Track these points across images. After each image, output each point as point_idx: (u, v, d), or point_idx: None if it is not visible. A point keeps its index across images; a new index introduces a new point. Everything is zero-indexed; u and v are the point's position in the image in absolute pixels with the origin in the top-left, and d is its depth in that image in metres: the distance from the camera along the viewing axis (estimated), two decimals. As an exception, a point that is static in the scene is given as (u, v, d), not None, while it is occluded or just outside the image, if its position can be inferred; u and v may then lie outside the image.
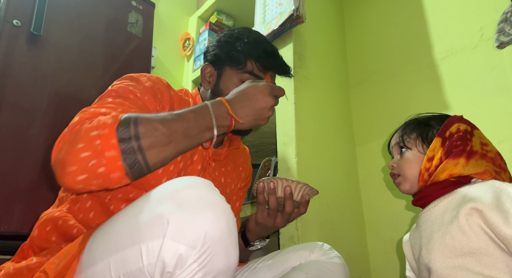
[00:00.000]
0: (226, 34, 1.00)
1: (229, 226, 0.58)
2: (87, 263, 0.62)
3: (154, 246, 0.54)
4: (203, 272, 0.54)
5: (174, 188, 0.60)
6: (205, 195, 0.59)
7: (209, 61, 0.99)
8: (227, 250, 0.57)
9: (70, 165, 0.60)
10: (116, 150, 0.61)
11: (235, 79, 0.94)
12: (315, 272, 0.88)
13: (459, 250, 0.68)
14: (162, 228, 0.54)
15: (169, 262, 0.54)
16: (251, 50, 0.95)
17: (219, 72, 0.96)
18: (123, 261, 0.57)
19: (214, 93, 0.95)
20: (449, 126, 0.81)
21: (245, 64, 0.94)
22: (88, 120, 0.66)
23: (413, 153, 0.84)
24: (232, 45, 0.96)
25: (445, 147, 0.78)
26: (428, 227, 0.77)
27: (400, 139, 0.87)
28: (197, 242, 0.54)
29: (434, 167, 0.78)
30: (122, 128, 0.62)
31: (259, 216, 0.90)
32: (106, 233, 0.63)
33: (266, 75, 0.96)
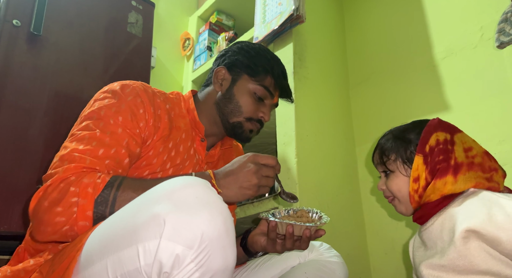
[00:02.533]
0: (248, 44, 1.04)
1: (227, 226, 0.57)
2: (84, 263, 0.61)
3: (151, 247, 0.54)
4: (201, 272, 0.54)
5: (170, 188, 0.60)
6: (202, 195, 0.59)
7: (225, 64, 1.01)
8: (225, 250, 0.57)
9: (45, 225, 0.67)
10: (89, 221, 0.67)
11: (250, 88, 0.96)
12: (314, 271, 0.88)
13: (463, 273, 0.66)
14: (159, 228, 0.54)
15: (166, 262, 0.54)
16: (273, 67, 0.99)
17: (234, 77, 0.98)
18: (120, 262, 0.57)
19: (226, 97, 0.98)
20: (427, 139, 0.76)
21: (264, 78, 0.97)
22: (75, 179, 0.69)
23: (397, 175, 0.81)
24: (255, 57, 0.99)
25: (428, 164, 0.74)
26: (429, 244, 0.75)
27: (380, 160, 0.84)
28: (194, 242, 0.54)
29: (422, 188, 0.75)
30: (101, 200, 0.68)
31: (270, 248, 0.87)
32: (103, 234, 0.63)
33: (276, 94, 1.00)
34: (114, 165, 0.75)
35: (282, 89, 1.01)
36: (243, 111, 0.96)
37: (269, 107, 0.99)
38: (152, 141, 0.86)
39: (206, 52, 2.06)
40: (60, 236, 0.67)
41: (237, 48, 1.03)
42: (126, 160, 0.78)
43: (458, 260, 0.66)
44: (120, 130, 0.79)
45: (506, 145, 1.20)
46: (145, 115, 0.84)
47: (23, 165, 1.22)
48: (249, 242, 0.94)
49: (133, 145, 0.80)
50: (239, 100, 0.96)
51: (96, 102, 0.83)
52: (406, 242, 1.39)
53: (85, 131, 0.77)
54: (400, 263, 1.39)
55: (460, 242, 0.65)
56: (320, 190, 1.37)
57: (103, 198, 0.68)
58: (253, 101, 0.96)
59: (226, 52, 1.04)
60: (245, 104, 0.96)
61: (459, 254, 0.65)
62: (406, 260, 1.38)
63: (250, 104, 0.96)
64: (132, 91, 0.86)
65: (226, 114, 0.97)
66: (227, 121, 0.97)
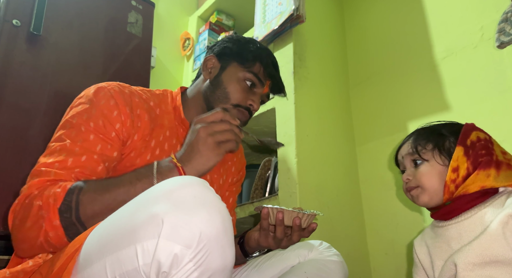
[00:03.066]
0: (238, 35, 1.04)
1: (225, 225, 0.57)
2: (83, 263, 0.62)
3: (150, 246, 0.54)
4: (199, 271, 0.54)
5: (168, 188, 0.59)
6: (200, 194, 0.58)
7: (215, 53, 1.00)
8: (223, 249, 0.57)
9: (20, 242, 0.71)
10: (59, 230, 0.68)
11: (240, 75, 0.95)
12: (314, 271, 0.88)
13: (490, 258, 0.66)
14: (157, 228, 0.54)
15: (164, 261, 0.53)
16: (262, 55, 0.98)
17: (223, 65, 0.97)
18: (119, 262, 0.57)
19: (213, 84, 0.96)
20: (468, 134, 0.77)
21: (253, 64, 0.96)
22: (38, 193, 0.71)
23: (431, 164, 0.80)
24: (245, 44, 0.99)
25: (470, 156, 0.75)
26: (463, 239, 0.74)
27: (413, 150, 0.83)
28: (192, 241, 0.54)
29: (461, 178, 0.75)
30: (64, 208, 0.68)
31: (262, 240, 0.88)
32: (101, 234, 0.63)
33: (266, 82, 0.99)
34: (86, 173, 0.76)
35: (272, 78, 0.99)
36: (230, 98, 0.93)
37: (258, 96, 0.97)
38: (132, 141, 0.85)
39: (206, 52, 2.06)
40: (39, 249, 0.69)
41: (227, 38, 1.03)
42: (100, 167, 0.78)
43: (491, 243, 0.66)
44: (92, 137, 0.79)
45: (506, 145, 1.19)
46: (120, 116, 0.83)
47: (23, 165, 1.22)
48: (246, 240, 0.94)
49: (107, 150, 0.80)
50: (227, 87, 0.94)
51: (72, 110, 0.84)
52: (406, 242, 1.39)
53: (57, 143, 0.78)
54: (400, 263, 1.39)
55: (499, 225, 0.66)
56: (320, 190, 1.37)
57: (65, 206, 0.68)
58: (241, 88, 0.94)
59: (215, 43, 1.04)
60: (233, 90, 0.94)
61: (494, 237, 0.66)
62: (406, 260, 1.37)
63: (238, 91, 0.94)
64: (106, 94, 0.85)
65: (212, 101, 0.95)
66: (212, 108, 0.94)
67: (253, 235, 0.92)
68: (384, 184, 1.51)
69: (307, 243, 0.98)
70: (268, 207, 0.83)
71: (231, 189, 1.10)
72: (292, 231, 0.84)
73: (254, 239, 0.91)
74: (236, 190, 1.12)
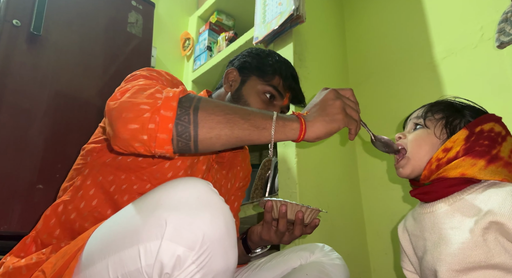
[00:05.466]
0: (258, 49, 1.06)
1: (228, 227, 0.57)
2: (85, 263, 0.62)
3: (152, 247, 0.54)
4: (202, 273, 0.54)
5: (172, 189, 0.59)
6: (204, 196, 0.59)
7: (236, 67, 1.02)
8: (226, 251, 0.57)
9: (128, 112, 0.62)
10: (172, 111, 0.62)
11: (259, 88, 0.96)
12: (316, 273, 0.88)
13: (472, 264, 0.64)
14: (160, 229, 0.54)
15: (167, 263, 0.54)
16: (281, 68, 0.99)
17: (243, 78, 0.99)
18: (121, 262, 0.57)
19: (234, 97, 0.97)
20: (483, 122, 0.72)
21: (272, 78, 0.97)
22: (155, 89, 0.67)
23: (428, 132, 0.75)
24: (264, 59, 1.00)
25: (469, 142, 0.70)
26: (435, 231, 0.71)
27: (422, 114, 0.78)
28: (195, 243, 0.54)
29: (447, 159, 0.71)
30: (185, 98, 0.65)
31: (265, 233, 0.89)
32: (104, 234, 0.63)
33: (286, 95, 1.00)
34: None
35: (292, 91, 1.00)
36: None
37: (278, 108, 0.98)
38: None
39: (206, 52, 2.06)
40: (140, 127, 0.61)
41: (247, 52, 1.04)
42: None
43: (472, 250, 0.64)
44: None
45: (506, 145, 1.20)
46: None
47: (23, 165, 1.22)
48: (248, 234, 0.95)
49: None
50: (248, 99, 0.95)
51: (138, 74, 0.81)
52: (406, 242, 1.39)
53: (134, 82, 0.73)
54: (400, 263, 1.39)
55: (480, 232, 0.63)
56: (320, 190, 1.37)
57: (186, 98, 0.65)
58: (261, 100, 0.95)
59: (236, 57, 1.06)
60: (253, 102, 0.95)
61: (475, 244, 0.63)
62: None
63: (258, 103, 0.95)
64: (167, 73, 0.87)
65: None
66: None
67: (256, 229, 0.92)
68: (384, 184, 1.51)
69: (309, 246, 0.98)
70: (272, 200, 0.83)
71: (237, 194, 1.10)
72: (294, 225, 0.85)
73: (256, 233, 0.91)
74: (241, 195, 1.12)
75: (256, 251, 0.98)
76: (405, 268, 0.86)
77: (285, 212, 0.82)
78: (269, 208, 0.84)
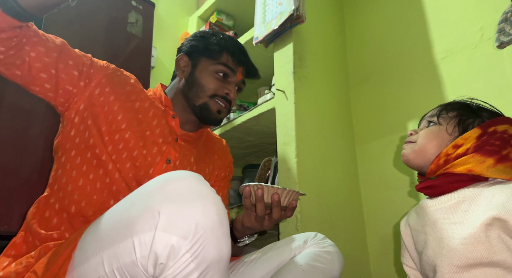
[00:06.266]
0: (202, 31, 1.10)
1: (220, 217, 0.58)
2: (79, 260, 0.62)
3: (147, 239, 0.55)
4: (196, 262, 0.55)
5: (164, 181, 0.60)
6: (195, 187, 0.59)
7: (185, 52, 1.05)
8: (219, 240, 0.57)
9: None
10: None
11: (210, 69, 1.00)
12: (310, 263, 0.88)
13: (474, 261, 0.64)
14: (154, 221, 0.55)
15: (161, 253, 0.54)
16: (227, 44, 1.03)
17: (194, 62, 1.02)
18: (116, 255, 0.58)
19: (188, 82, 1.01)
20: (498, 123, 0.73)
21: (220, 55, 1.01)
22: None
23: (440, 129, 0.76)
24: (208, 39, 1.04)
25: (480, 141, 0.70)
26: (437, 227, 0.71)
27: (437, 112, 0.79)
28: (189, 232, 0.54)
29: (455, 155, 0.71)
30: None
31: (246, 220, 0.90)
32: (97, 230, 0.63)
33: (238, 70, 1.03)
34: None
35: (243, 64, 1.04)
36: (206, 90, 0.98)
37: (233, 85, 1.02)
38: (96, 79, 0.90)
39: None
40: None
41: (192, 36, 1.08)
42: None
43: (474, 246, 0.64)
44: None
45: (506, 145, 1.20)
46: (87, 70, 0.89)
47: (23, 165, 1.22)
48: (234, 224, 0.96)
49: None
50: (202, 81, 0.99)
51: None
52: (406, 242, 1.39)
53: None
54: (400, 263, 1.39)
55: (483, 228, 0.63)
56: (320, 190, 1.37)
57: None
58: (215, 80, 0.99)
59: (182, 44, 1.09)
60: (208, 83, 0.99)
61: (478, 239, 0.64)
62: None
63: (213, 83, 0.99)
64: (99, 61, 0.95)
65: (191, 98, 0.99)
66: (193, 105, 0.99)
67: (239, 217, 0.94)
68: (384, 184, 1.51)
69: (302, 236, 0.99)
70: (249, 185, 0.83)
71: (220, 185, 1.12)
72: (271, 208, 0.84)
73: (239, 221, 0.93)
74: (224, 185, 1.14)
75: (242, 240, 0.98)
76: (405, 263, 0.86)
77: (261, 195, 0.82)
78: (247, 193, 0.84)
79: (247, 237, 0.99)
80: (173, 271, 0.55)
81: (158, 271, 0.55)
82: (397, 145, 1.50)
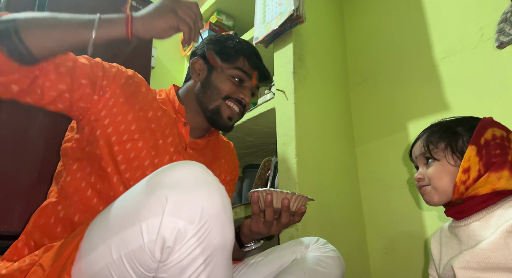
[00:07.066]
0: (216, 35, 1.09)
1: (224, 204, 0.60)
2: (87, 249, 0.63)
3: (154, 223, 0.56)
4: (202, 247, 0.56)
5: (170, 171, 0.62)
6: (201, 176, 0.61)
7: (200, 55, 1.04)
8: (223, 227, 0.59)
9: None
10: None
11: (226, 72, 0.99)
12: (311, 267, 0.88)
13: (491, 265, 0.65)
14: (161, 206, 0.56)
15: (168, 236, 0.55)
16: (243, 48, 1.02)
17: (209, 66, 1.01)
18: (124, 241, 0.59)
19: (203, 85, 1.00)
20: (482, 132, 0.74)
21: (236, 59, 1.00)
22: None
23: (442, 164, 0.78)
24: (224, 42, 1.03)
25: (483, 156, 0.72)
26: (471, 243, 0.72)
27: (425, 149, 0.81)
28: (195, 217, 0.56)
29: (472, 180, 0.72)
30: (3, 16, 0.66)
31: (253, 224, 0.89)
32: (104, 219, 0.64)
33: (253, 74, 1.03)
34: None
35: (258, 68, 1.03)
36: (221, 91, 0.98)
37: (248, 90, 1.02)
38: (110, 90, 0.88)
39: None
40: None
41: (207, 40, 1.07)
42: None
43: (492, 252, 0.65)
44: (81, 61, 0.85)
45: (506, 145, 1.20)
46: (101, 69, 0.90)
47: (23, 165, 1.22)
48: (241, 228, 0.96)
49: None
50: (217, 84, 0.99)
51: None
52: (406, 242, 1.39)
53: None
54: (400, 263, 1.39)
55: (502, 234, 0.65)
56: (320, 190, 1.37)
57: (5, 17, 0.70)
58: (231, 84, 0.99)
59: (196, 47, 1.08)
60: (223, 86, 0.98)
61: (496, 246, 0.65)
62: (406, 259, 1.38)
63: (228, 86, 0.99)
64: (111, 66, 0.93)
65: (205, 101, 0.99)
66: (206, 109, 0.99)
67: (246, 222, 0.94)
68: (384, 184, 1.51)
69: (303, 240, 0.99)
70: (258, 190, 0.83)
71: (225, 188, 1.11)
72: (281, 212, 0.84)
73: (246, 226, 0.93)
74: (229, 189, 1.14)
75: (249, 245, 0.98)
76: (431, 274, 0.88)
77: (271, 200, 0.82)
78: (256, 199, 0.84)
79: (253, 242, 0.99)
80: (179, 255, 0.56)
81: (165, 256, 0.57)
82: (397, 145, 1.50)
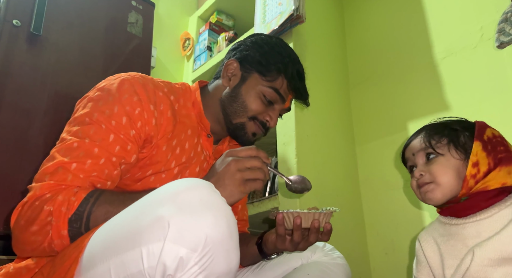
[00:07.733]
0: (264, 38, 0.97)
1: (230, 229, 0.57)
2: (86, 265, 0.61)
3: (155, 249, 0.54)
4: (204, 274, 0.54)
5: (174, 190, 0.59)
6: (206, 198, 0.58)
7: (238, 58, 0.95)
8: (228, 253, 0.56)
9: (22, 244, 0.69)
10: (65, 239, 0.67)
11: (259, 88, 0.91)
12: (317, 273, 0.87)
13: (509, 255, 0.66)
14: (163, 231, 0.54)
15: (170, 265, 0.53)
16: (287, 66, 0.91)
17: (244, 74, 0.93)
18: (124, 264, 0.57)
19: (232, 95, 0.93)
20: (482, 130, 0.76)
21: (276, 78, 0.91)
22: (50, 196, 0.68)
23: (447, 158, 0.77)
24: (268, 53, 0.92)
25: (490, 152, 0.73)
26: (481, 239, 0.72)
27: (427, 144, 0.79)
28: (198, 245, 0.54)
29: (483, 173, 0.72)
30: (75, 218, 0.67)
31: (279, 244, 0.85)
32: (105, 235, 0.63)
33: (288, 97, 0.94)
34: (102, 178, 0.73)
35: (296, 91, 0.94)
36: (248, 110, 0.90)
37: (277, 112, 0.93)
38: (156, 140, 0.83)
39: (206, 52, 2.06)
40: (40, 252, 0.68)
41: (251, 42, 0.96)
42: (116, 171, 0.76)
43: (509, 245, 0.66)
44: (112, 137, 0.75)
45: (506, 145, 1.20)
46: (143, 114, 0.80)
47: (23, 165, 1.22)
48: (264, 241, 0.91)
49: (126, 152, 0.77)
50: (246, 100, 0.91)
51: (90, 103, 0.79)
52: (406, 242, 1.39)
53: (74, 138, 0.74)
54: (400, 263, 1.39)
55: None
56: (320, 190, 1.37)
57: (77, 216, 0.67)
58: (260, 103, 0.91)
59: (239, 45, 0.98)
60: (251, 103, 0.90)
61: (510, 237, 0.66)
62: (407, 259, 1.38)
63: (257, 105, 0.90)
64: (129, 88, 0.80)
65: (230, 114, 0.92)
66: (230, 122, 0.92)
67: (271, 238, 0.88)
68: (384, 184, 1.51)
69: None
70: (283, 212, 0.80)
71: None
72: (309, 232, 0.81)
73: (271, 242, 0.88)
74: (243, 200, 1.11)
75: (272, 257, 0.96)
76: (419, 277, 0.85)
77: (300, 224, 0.78)
78: (281, 220, 0.80)
79: (276, 253, 0.95)
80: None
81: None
82: (397, 145, 1.50)
